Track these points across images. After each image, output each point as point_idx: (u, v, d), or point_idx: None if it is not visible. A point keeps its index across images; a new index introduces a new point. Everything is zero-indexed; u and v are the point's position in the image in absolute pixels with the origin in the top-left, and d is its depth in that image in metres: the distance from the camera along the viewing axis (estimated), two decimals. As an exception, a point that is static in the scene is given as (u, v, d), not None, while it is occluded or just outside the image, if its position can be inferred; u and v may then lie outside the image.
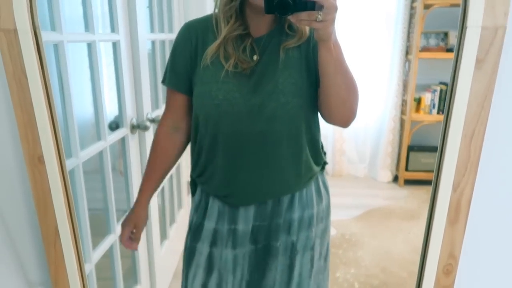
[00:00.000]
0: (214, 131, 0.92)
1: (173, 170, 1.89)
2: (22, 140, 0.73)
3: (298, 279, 0.98)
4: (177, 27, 1.83)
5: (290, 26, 0.90)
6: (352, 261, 1.71)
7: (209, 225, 0.97)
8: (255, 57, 0.89)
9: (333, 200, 1.08)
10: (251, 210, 0.96)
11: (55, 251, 0.80)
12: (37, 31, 0.67)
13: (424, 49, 2.85)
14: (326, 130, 3.35)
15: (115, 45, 1.31)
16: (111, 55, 1.36)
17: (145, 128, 1.46)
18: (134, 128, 1.43)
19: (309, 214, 0.98)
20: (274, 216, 0.96)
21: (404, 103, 3.06)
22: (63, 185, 0.76)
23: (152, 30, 1.60)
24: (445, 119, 0.71)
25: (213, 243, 0.97)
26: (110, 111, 1.43)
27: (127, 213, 1.07)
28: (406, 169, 3.03)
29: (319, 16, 0.71)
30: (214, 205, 0.97)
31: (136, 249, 1.07)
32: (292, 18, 0.74)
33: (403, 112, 3.08)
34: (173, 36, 1.76)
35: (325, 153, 1.03)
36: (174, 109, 0.99)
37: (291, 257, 0.98)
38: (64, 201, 0.77)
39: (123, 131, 1.36)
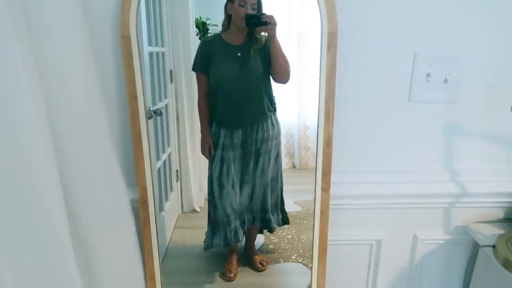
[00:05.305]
0: (219, 90, 1.84)
1: (165, 160, 2.39)
2: (128, 87, 1.52)
3: (261, 167, 1.92)
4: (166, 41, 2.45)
5: (256, 39, 1.81)
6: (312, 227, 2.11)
7: (221, 141, 1.89)
8: (239, 54, 1.80)
9: (300, 187, 1.97)
10: (240, 132, 1.87)
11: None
12: (139, 37, 1.48)
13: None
14: (293, 131, 3.88)
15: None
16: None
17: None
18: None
19: (267, 135, 1.90)
20: (251, 135, 1.88)
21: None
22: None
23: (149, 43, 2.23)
24: (319, 74, 1.60)
25: (223, 149, 1.89)
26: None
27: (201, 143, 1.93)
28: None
29: (268, 27, 1.65)
30: (222, 131, 1.88)
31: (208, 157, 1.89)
32: (257, 29, 1.69)
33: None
34: (164, 49, 2.41)
35: (275, 103, 1.93)
36: (203, 83, 1.88)
37: (257, 156, 1.91)
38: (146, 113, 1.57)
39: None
